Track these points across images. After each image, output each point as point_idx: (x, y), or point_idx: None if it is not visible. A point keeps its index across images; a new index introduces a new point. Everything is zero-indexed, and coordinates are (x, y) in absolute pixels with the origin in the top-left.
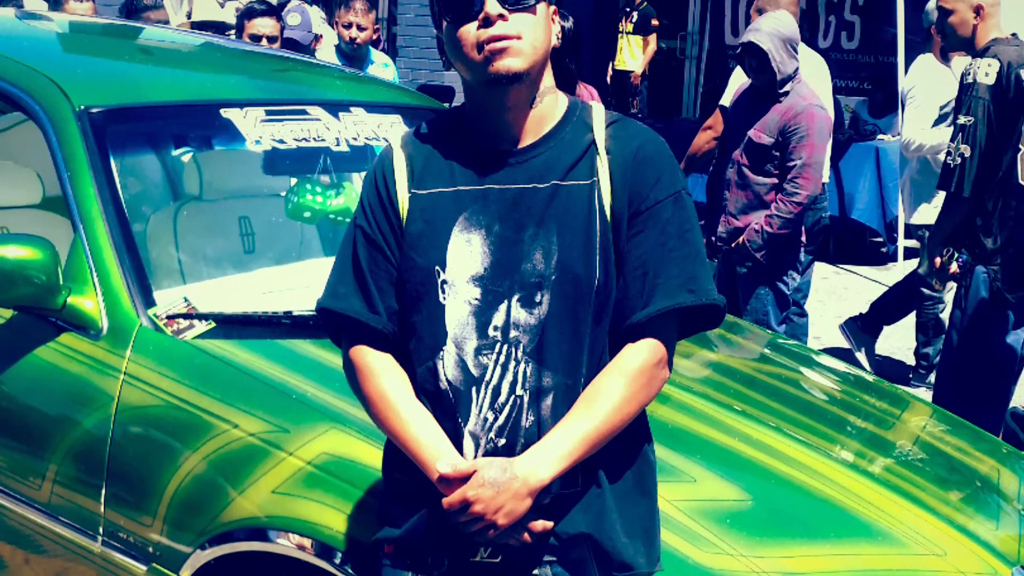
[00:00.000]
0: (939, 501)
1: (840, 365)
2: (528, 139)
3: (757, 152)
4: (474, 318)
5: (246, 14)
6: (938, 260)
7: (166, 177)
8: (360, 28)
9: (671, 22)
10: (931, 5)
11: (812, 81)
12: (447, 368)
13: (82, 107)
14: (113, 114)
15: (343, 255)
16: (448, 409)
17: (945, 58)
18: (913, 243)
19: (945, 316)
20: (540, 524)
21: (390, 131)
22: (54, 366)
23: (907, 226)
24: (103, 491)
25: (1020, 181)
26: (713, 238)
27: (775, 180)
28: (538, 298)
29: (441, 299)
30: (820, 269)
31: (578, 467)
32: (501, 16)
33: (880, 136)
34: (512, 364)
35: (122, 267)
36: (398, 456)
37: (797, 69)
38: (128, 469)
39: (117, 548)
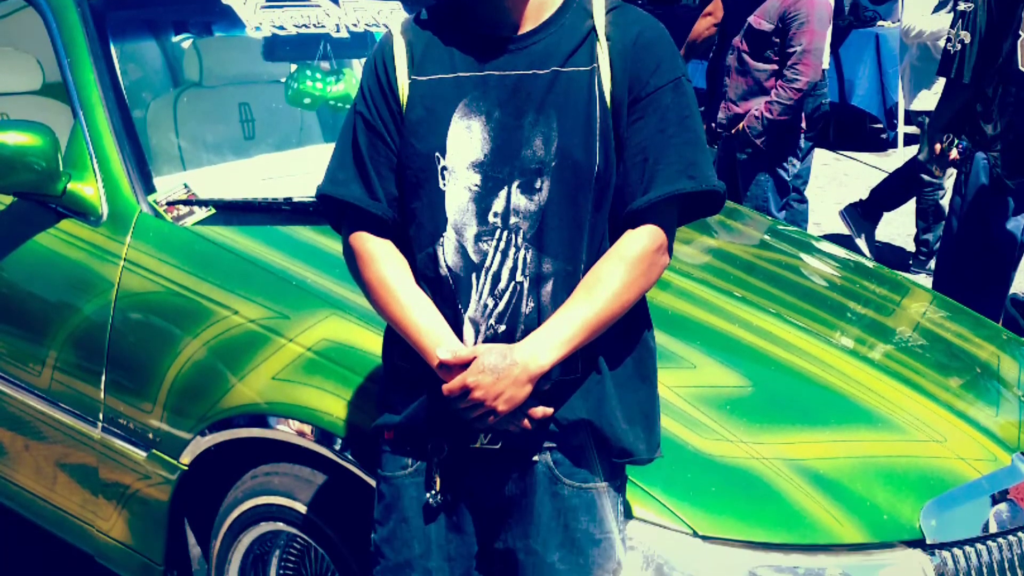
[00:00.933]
0: (939, 387)
1: (840, 251)
2: (528, 25)
3: (757, 38)
4: (474, 204)
5: None
6: (938, 146)
7: (166, 63)
8: None
9: None
10: None
11: None
12: (447, 254)
13: None
14: (113, 0)
15: (343, 141)
16: (448, 295)
17: None
18: (913, 129)
19: (945, 202)
20: (540, 410)
21: (390, 17)
22: (54, 252)
23: (907, 112)
24: (103, 377)
25: (1020, 67)
26: (713, 124)
27: (775, 66)
28: (538, 184)
29: (441, 185)
30: (820, 155)
31: (578, 353)
32: None
33: (880, 22)
34: (512, 250)
35: (122, 153)
36: (398, 342)
37: None
38: (128, 355)
39: (117, 434)
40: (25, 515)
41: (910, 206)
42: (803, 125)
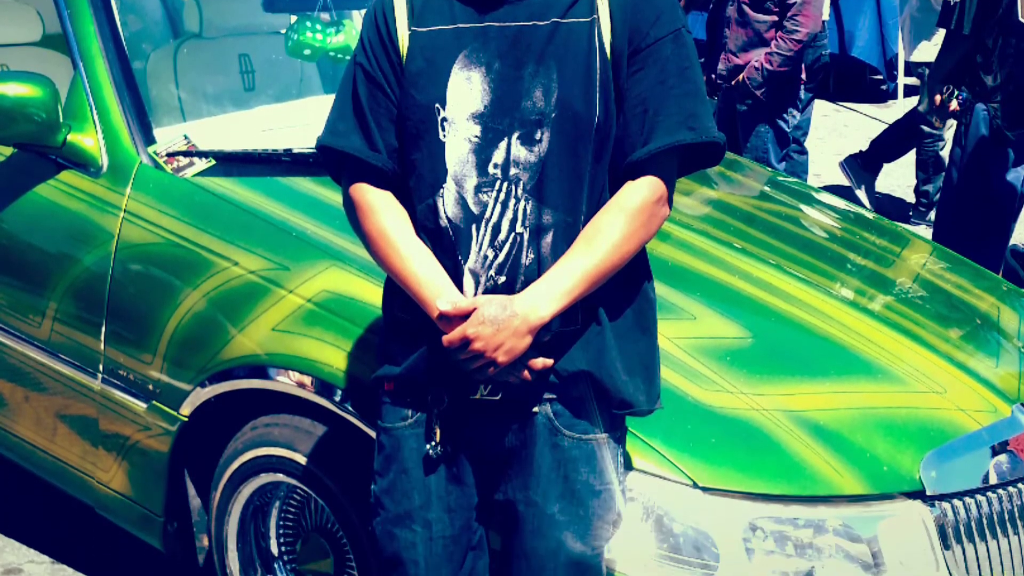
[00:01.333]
0: (939, 339)
1: (840, 203)
2: None
3: None
4: (474, 155)
5: None
6: (938, 97)
7: (166, 14)
8: None
9: None
10: None
11: None
12: (447, 205)
13: None
14: None
15: (343, 93)
16: (448, 247)
17: None
18: (913, 80)
19: (945, 153)
20: (540, 362)
21: None
22: (54, 204)
23: (907, 63)
24: (103, 329)
25: (1020, 18)
26: (713, 76)
27: (775, 17)
28: (538, 135)
29: (441, 136)
30: (820, 107)
31: (578, 305)
32: None
33: None
34: (512, 202)
35: (122, 104)
36: (398, 294)
37: None
38: (128, 307)
39: (117, 386)
40: (25, 466)
41: (910, 157)
42: (803, 76)
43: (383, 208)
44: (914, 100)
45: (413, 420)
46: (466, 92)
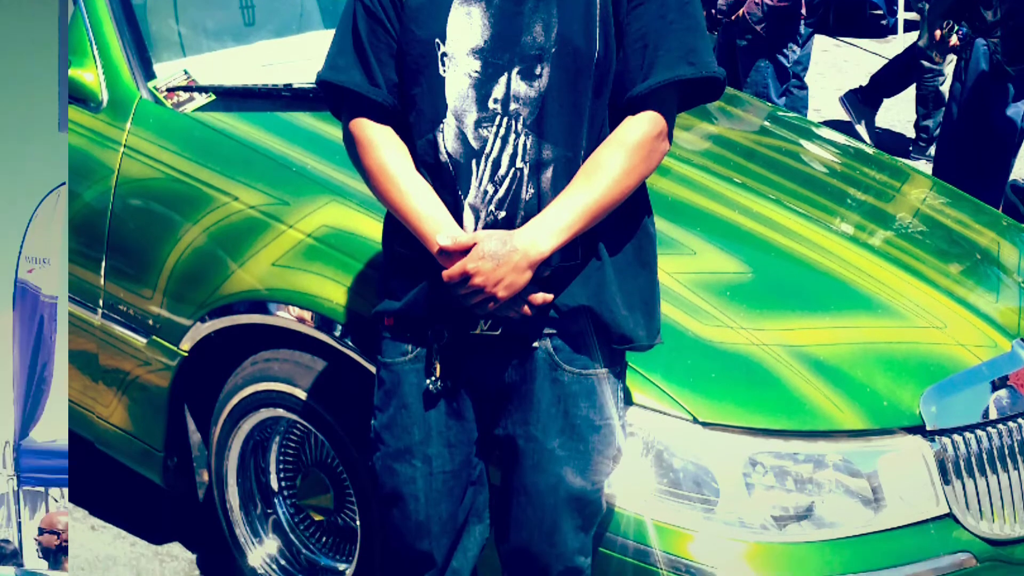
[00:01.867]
0: (939, 274)
1: (840, 137)
2: None
3: None
4: (474, 91)
5: None
6: (938, 32)
7: None
8: None
9: None
10: None
11: None
12: (447, 141)
13: None
14: None
15: (343, 28)
16: (448, 182)
17: None
18: (913, 15)
19: (945, 89)
20: (540, 297)
21: None
22: None
23: None
24: (103, 264)
25: None
26: (713, 11)
27: None
28: (538, 71)
29: (441, 72)
30: (820, 42)
31: (578, 240)
32: None
33: None
34: (512, 137)
35: (122, 39)
36: (398, 229)
37: None
38: (128, 242)
39: (117, 321)
40: None
41: (910, 92)
42: (803, 11)
43: (383, 143)
44: (914, 35)
45: (413, 355)
46: (466, 27)
